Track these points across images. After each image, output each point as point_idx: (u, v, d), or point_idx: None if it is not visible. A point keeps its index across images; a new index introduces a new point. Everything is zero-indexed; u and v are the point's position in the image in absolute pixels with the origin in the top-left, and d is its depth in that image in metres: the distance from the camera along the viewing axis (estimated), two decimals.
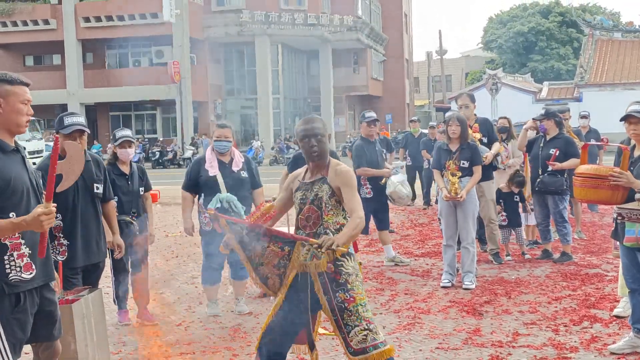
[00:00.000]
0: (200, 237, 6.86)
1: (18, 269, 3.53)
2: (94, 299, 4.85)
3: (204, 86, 39.61)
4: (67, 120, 5.26)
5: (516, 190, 9.21)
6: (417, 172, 15.16)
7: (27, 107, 3.65)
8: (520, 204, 9.31)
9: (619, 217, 5.01)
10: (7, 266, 3.51)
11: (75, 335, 4.47)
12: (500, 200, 9.20)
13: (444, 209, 7.79)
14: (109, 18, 38.50)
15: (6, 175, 3.49)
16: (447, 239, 7.82)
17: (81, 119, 5.38)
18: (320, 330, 5.78)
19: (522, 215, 9.48)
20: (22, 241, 3.54)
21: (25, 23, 39.82)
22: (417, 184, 15.29)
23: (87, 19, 38.87)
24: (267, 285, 4.23)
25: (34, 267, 3.58)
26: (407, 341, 5.83)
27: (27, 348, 3.96)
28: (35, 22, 39.81)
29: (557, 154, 8.58)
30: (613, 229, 5.44)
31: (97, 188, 5.36)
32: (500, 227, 9.06)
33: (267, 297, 7.34)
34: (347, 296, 4.09)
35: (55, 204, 3.44)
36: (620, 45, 41.08)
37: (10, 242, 3.51)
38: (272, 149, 36.65)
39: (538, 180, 8.73)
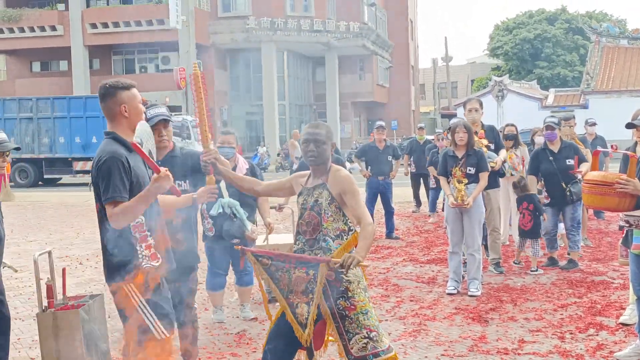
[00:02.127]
0: (203, 242, 6.86)
1: (147, 258, 3.87)
2: (97, 305, 4.87)
3: (209, 92, 39.56)
4: (150, 112, 4.92)
5: (521, 194, 9.05)
6: (421, 179, 15.14)
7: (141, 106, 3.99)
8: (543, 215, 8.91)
9: (626, 224, 4.99)
10: (140, 256, 3.85)
11: (82, 339, 4.48)
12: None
13: (450, 216, 7.78)
14: (116, 24, 38.67)
15: (136, 173, 3.82)
16: (453, 246, 7.81)
17: (163, 109, 5.08)
18: None
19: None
20: (148, 233, 3.89)
21: (32, 29, 40.02)
22: (422, 190, 15.29)
23: (93, 25, 39.04)
24: (296, 315, 4.12)
25: (158, 256, 3.92)
26: (413, 348, 5.82)
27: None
28: (42, 28, 40.00)
29: (577, 160, 8.55)
30: (623, 236, 5.43)
31: (180, 185, 4.91)
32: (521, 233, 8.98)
33: (272, 304, 7.34)
34: (347, 304, 4.09)
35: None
36: (626, 53, 41.05)
37: (139, 234, 3.85)
38: (278, 155, 36.65)
39: (568, 193, 8.59)
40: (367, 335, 4.07)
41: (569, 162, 8.62)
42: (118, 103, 3.87)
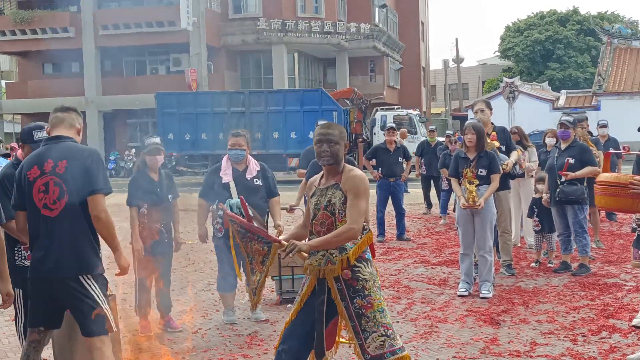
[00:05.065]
0: (213, 243, 6.88)
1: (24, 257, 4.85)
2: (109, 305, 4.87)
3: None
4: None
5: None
6: (432, 180, 15.10)
7: None
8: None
9: (638, 227, 4.97)
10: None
11: None
12: (534, 206, 9.20)
13: (461, 218, 7.76)
14: (127, 26, 38.74)
15: None
16: (465, 248, 7.79)
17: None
18: None
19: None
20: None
21: (44, 31, 40.13)
22: (432, 192, 15.26)
23: (105, 27, 39.13)
24: (250, 281, 4.49)
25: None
26: (424, 350, 5.81)
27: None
28: (54, 30, 40.11)
29: (569, 163, 8.45)
30: (636, 238, 5.41)
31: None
32: (534, 232, 9.22)
33: (284, 305, 7.35)
34: (364, 302, 4.10)
35: None
36: (638, 54, 40.74)
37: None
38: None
39: (558, 190, 8.57)
40: (384, 333, 4.08)
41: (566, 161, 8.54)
42: None
